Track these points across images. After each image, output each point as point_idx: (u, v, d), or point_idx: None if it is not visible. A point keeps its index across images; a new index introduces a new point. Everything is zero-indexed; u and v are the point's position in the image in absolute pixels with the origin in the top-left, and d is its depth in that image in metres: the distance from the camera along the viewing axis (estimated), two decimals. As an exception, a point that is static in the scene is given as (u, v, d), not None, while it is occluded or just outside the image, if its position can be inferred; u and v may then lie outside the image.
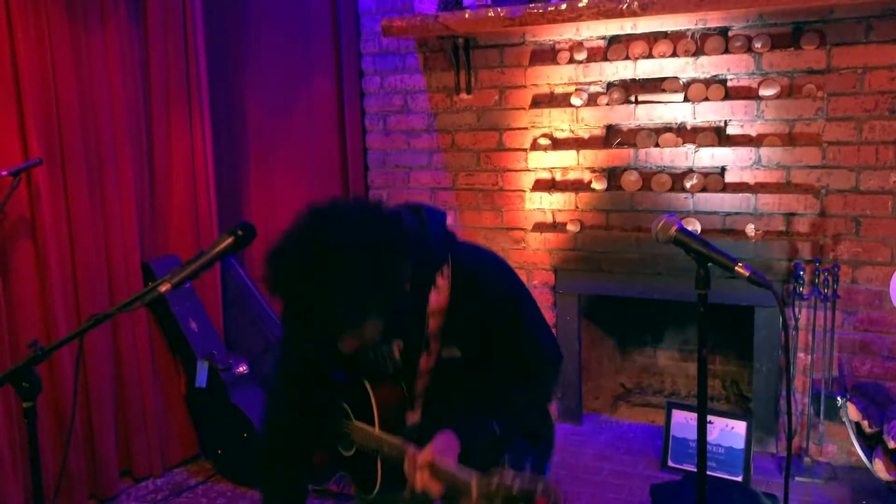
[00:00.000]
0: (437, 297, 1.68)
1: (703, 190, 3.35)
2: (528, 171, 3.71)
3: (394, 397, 1.77)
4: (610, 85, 3.51)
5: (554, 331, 3.63)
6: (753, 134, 3.26)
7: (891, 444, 2.77)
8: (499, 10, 3.35)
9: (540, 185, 3.69)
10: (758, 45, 3.17)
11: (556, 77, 3.59)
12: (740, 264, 1.50)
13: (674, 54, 3.34)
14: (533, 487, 1.33)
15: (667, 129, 3.41)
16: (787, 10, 3.06)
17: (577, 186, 3.60)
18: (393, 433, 1.71)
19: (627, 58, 3.43)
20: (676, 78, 3.36)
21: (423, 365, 1.72)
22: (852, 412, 2.94)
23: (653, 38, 3.39)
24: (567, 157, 3.61)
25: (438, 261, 1.69)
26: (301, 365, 1.83)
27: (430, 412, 1.76)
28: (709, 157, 3.33)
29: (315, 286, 1.44)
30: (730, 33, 3.25)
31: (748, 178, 3.28)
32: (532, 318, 1.79)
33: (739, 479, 3.07)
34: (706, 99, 3.30)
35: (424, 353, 1.71)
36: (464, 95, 3.79)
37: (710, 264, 1.54)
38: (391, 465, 1.69)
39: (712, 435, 3.13)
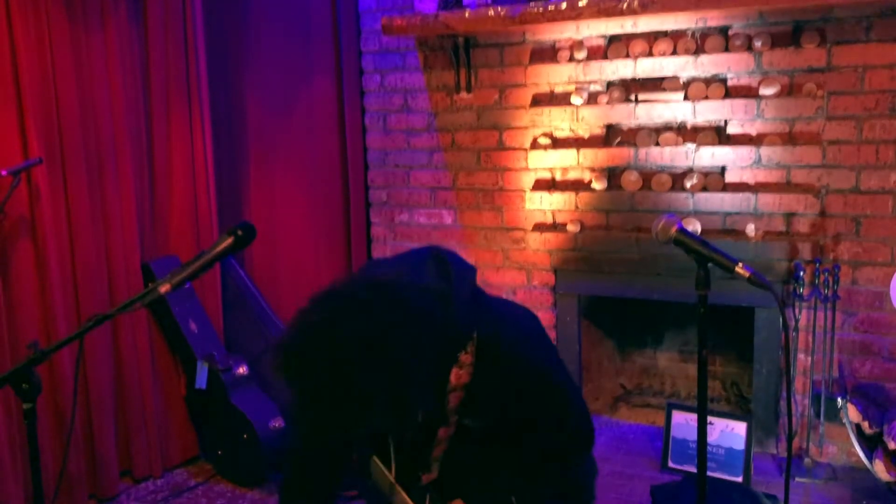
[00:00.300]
0: (459, 373, 1.58)
1: (704, 190, 3.35)
2: (528, 170, 3.71)
3: (411, 456, 1.72)
4: (610, 84, 3.51)
5: (554, 333, 3.66)
6: (753, 133, 3.25)
7: (891, 445, 2.77)
8: (499, 8, 3.35)
9: (540, 185, 3.69)
10: (758, 43, 3.17)
11: (557, 76, 3.58)
12: (740, 265, 1.50)
13: (674, 53, 3.34)
14: None
15: (667, 128, 3.41)
16: (787, 9, 3.05)
17: (577, 186, 3.60)
18: (407, 486, 1.67)
19: (627, 57, 3.42)
20: (676, 77, 3.36)
21: (441, 434, 1.66)
22: (852, 413, 2.94)
23: (653, 36, 3.39)
24: (567, 157, 3.61)
25: (463, 339, 1.57)
26: (318, 439, 1.78)
27: (445, 478, 1.71)
28: (709, 156, 3.32)
29: (327, 387, 1.37)
30: (730, 32, 3.25)
31: (748, 177, 3.27)
32: (562, 394, 1.68)
33: (739, 479, 3.07)
34: (706, 98, 3.30)
35: (443, 426, 1.65)
36: (464, 94, 3.78)
37: (710, 265, 1.54)
38: None
39: (712, 436, 3.13)
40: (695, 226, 3.31)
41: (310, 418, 1.58)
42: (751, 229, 3.24)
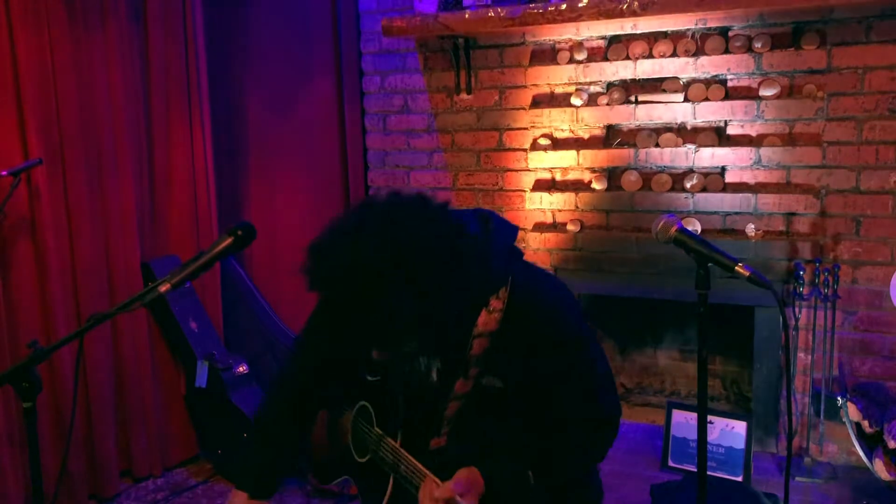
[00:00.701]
0: (488, 319, 1.51)
1: (704, 190, 3.35)
2: (528, 171, 3.71)
3: (422, 417, 1.62)
4: (610, 85, 3.51)
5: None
6: (753, 134, 3.26)
7: (891, 444, 2.77)
8: (499, 10, 3.35)
9: (540, 185, 3.69)
10: (758, 45, 3.17)
11: (556, 77, 3.58)
12: (740, 264, 1.50)
13: (674, 54, 3.34)
14: None
15: (667, 129, 3.41)
16: (787, 10, 3.06)
17: (577, 186, 3.60)
18: (414, 453, 1.59)
19: (627, 58, 3.43)
20: (676, 78, 3.36)
21: (458, 389, 1.56)
22: (852, 412, 2.94)
23: (653, 38, 3.39)
24: (567, 157, 3.61)
25: (496, 281, 1.51)
26: (322, 359, 1.72)
27: (457, 441, 1.61)
28: (709, 157, 3.33)
29: (358, 292, 1.30)
30: (730, 33, 3.25)
31: (748, 178, 3.27)
32: (592, 367, 1.60)
33: (740, 479, 3.07)
34: (706, 99, 3.30)
35: (461, 378, 1.56)
36: (464, 95, 3.79)
37: (710, 264, 1.54)
38: (404, 486, 1.60)
39: (712, 435, 3.13)
40: (694, 226, 3.31)
41: (324, 332, 1.49)
42: (751, 229, 3.24)
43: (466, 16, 3.42)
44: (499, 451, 1.54)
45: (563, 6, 3.22)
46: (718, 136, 3.33)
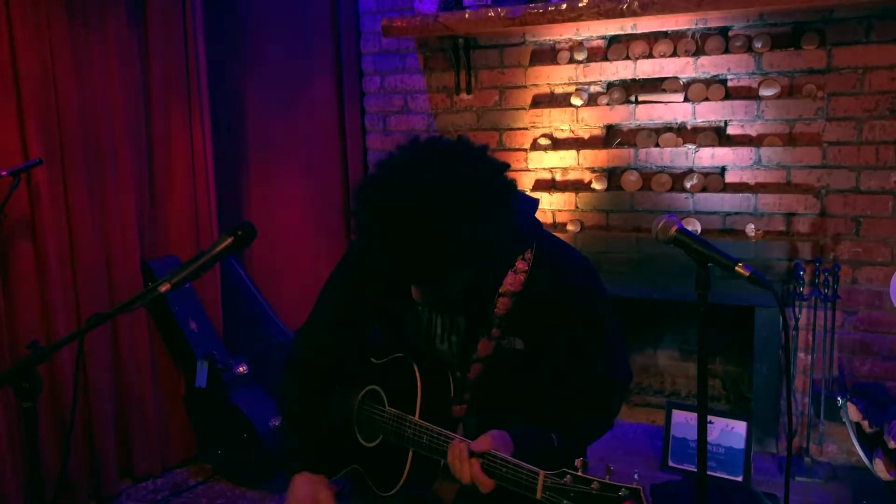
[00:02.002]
0: (514, 279, 1.55)
1: (703, 190, 3.35)
2: (529, 171, 3.71)
3: (442, 385, 1.62)
4: (610, 85, 3.51)
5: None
6: (753, 134, 3.26)
7: (891, 445, 2.77)
8: (499, 10, 3.35)
9: (540, 186, 3.69)
10: (758, 44, 3.17)
11: (557, 77, 3.59)
12: (740, 264, 1.50)
13: (674, 54, 3.34)
14: (615, 492, 1.19)
15: (667, 129, 3.41)
16: (787, 10, 3.06)
17: (577, 186, 3.60)
18: (435, 423, 1.58)
19: (627, 58, 3.43)
20: (676, 78, 3.36)
21: (480, 351, 1.59)
22: (852, 412, 2.94)
23: (653, 37, 3.39)
24: (567, 157, 3.61)
25: (524, 242, 1.56)
26: (355, 295, 1.72)
27: (479, 409, 1.63)
28: (709, 157, 3.33)
29: (412, 226, 1.33)
30: (730, 33, 3.25)
31: (748, 178, 3.27)
32: (611, 333, 1.64)
33: (740, 479, 3.07)
34: (706, 99, 3.30)
35: (485, 338, 1.58)
36: (464, 95, 3.79)
37: (710, 264, 1.53)
38: (423, 458, 1.58)
39: (712, 435, 3.13)
40: (694, 226, 3.31)
41: (370, 264, 1.49)
42: (750, 229, 3.24)
43: (466, 16, 3.42)
44: (520, 415, 1.56)
45: (563, 6, 3.22)
46: (718, 136, 3.33)
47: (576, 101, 3.53)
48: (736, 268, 1.49)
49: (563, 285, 1.57)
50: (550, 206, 3.67)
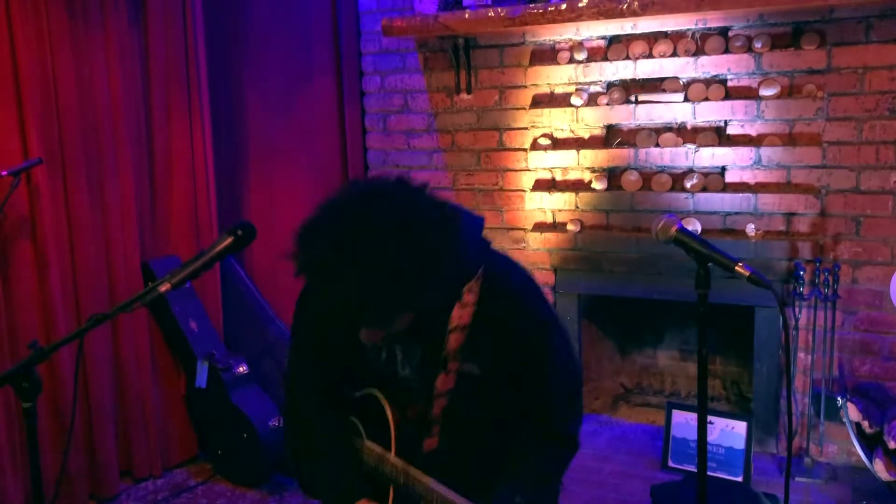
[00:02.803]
0: (461, 313, 1.55)
1: (704, 190, 3.35)
2: (528, 170, 3.71)
3: (411, 420, 1.65)
4: (610, 85, 3.51)
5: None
6: (753, 134, 3.26)
7: (891, 445, 2.77)
8: (499, 10, 3.35)
9: (540, 185, 3.69)
10: (758, 44, 3.17)
11: (556, 77, 3.59)
12: (740, 264, 1.50)
13: (674, 54, 3.34)
14: None
15: (667, 129, 3.41)
16: (787, 10, 3.06)
17: (577, 186, 3.60)
18: (409, 460, 1.62)
19: (627, 58, 3.43)
20: (676, 78, 3.36)
21: (440, 386, 1.60)
22: (852, 412, 2.94)
23: (653, 37, 3.39)
24: (567, 157, 3.61)
25: (469, 273, 1.55)
26: (318, 356, 1.74)
27: (449, 441, 1.64)
28: (709, 157, 3.33)
29: (353, 265, 1.32)
30: (730, 33, 3.25)
31: (748, 178, 3.27)
32: (557, 353, 1.65)
33: (740, 479, 3.07)
34: (706, 99, 3.30)
35: (442, 374, 1.59)
36: (464, 95, 3.79)
37: (710, 264, 1.53)
38: (404, 494, 1.62)
39: (713, 435, 3.13)
40: (694, 226, 3.31)
41: (318, 315, 1.51)
42: (751, 229, 3.24)
43: (466, 16, 3.42)
44: (487, 440, 1.60)
45: (563, 6, 3.22)
46: (718, 135, 3.33)
47: (576, 100, 3.53)
48: (736, 267, 1.49)
49: (509, 311, 1.58)
50: (550, 206, 3.67)
